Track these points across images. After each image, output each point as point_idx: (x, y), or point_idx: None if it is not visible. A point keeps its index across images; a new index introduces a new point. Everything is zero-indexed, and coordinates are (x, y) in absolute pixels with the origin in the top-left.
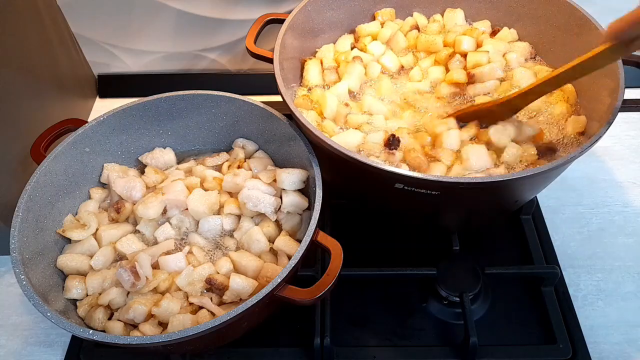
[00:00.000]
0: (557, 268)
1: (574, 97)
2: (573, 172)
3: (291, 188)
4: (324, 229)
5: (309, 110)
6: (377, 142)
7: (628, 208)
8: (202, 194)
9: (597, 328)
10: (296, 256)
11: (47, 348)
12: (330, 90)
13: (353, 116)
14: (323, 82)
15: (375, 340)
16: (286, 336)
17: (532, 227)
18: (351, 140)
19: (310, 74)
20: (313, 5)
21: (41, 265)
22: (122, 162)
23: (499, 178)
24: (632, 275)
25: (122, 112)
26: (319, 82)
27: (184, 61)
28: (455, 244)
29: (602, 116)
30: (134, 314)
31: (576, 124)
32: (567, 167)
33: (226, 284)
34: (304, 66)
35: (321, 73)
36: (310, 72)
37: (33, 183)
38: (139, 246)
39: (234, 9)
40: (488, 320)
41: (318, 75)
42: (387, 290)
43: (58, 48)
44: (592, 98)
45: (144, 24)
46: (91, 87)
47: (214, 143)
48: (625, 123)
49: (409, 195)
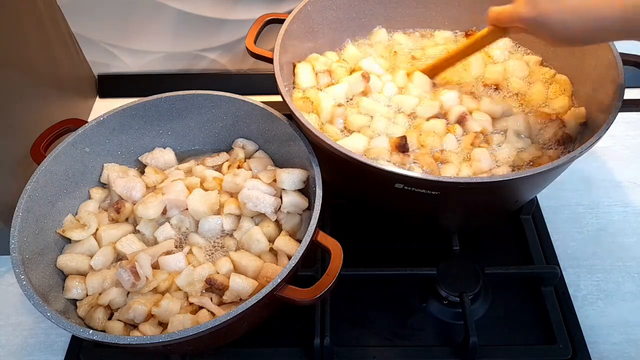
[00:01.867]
0: (557, 268)
1: (570, 88)
2: (573, 172)
3: (291, 188)
4: (324, 229)
5: (309, 113)
6: (383, 146)
7: (628, 208)
8: (202, 194)
9: (597, 328)
10: (296, 256)
11: (47, 348)
12: (326, 91)
13: (354, 117)
14: (317, 84)
15: (375, 340)
16: (286, 336)
17: (532, 227)
18: (356, 145)
19: (301, 76)
20: (313, 5)
21: (41, 265)
22: (122, 162)
23: (499, 178)
24: (632, 275)
25: (122, 112)
26: (312, 84)
27: (184, 61)
28: (455, 244)
29: (602, 116)
30: (134, 314)
31: (577, 116)
32: (567, 167)
33: (226, 284)
34: (294, 70)
35: (314, 76)
36: (301, 74)
37: (33, 183)
38: (139, 246)
39: (234, 9)
40: (488, 320)
41: (310, 78)
42: (387, 290)
43: (58, 48)
44: (592, 98)
45: (144, 24)
46: (91, 87)
47: (214, 143)
48: (625, 123)
49: (409, 195)
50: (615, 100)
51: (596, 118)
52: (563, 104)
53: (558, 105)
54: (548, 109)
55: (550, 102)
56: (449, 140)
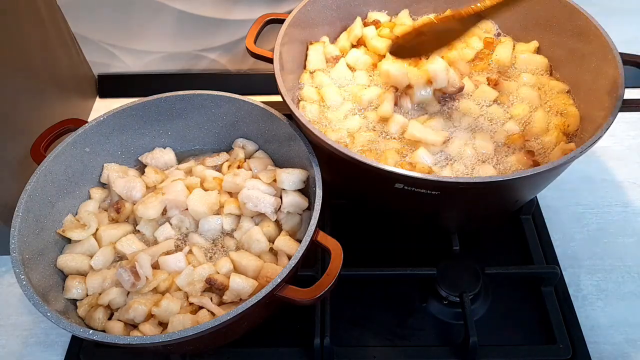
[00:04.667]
0: (557, 268)
1: (576, 124)
2: (573, 172)
3: (291, 188)
4: (324, 229)
5: (312, 103)
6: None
7: (628, 208)
8: (202, 194)
9: (597, 328)
10: (296, 256)
11: (47, 348)
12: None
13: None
14: (325, 66)
15: (375, 340)
16: (286, 336)
17: (532, 227)
18: (351, 125)
19: (312, 57)
20: (313, 5)
21: (41, 265)
22: (122, 162)
23: (499, 178)
24: (632, 275)
25: (122, 112)
26: (321, 67)
27: (184, 61)
28: (455, 244)
29: (602, 116)
30: (134, 314)
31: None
32: (567, 167)
33: (226, 284)
34: (307, 51)
35: (324, 58)
36: (313, 55)
37: (33, 183)
38: (139, 246)
39: (234, 9)
40: (488, 320)
41: (321, 59)
42: (387, 290)
43: (58, 48)
44: (592, 98)
45: (144, 24)
46: (91, 87)
47: (214, 143)
48: (625, 123)
49: (409, 195)
50: (615, 100)
51: (596, 118)
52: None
53: (547, 140)
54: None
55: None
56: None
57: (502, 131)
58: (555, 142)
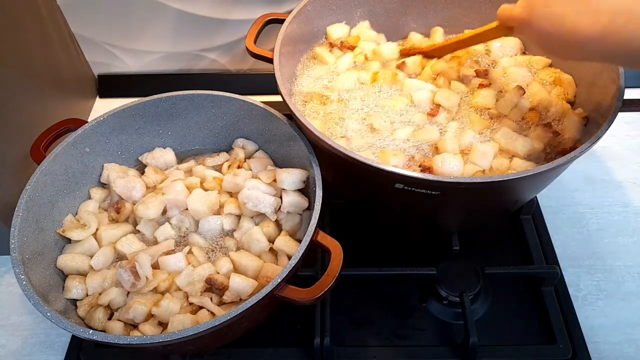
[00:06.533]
0: (557, 268)
1: (573, 89)
2: (573, 172)
3: (291, 188)
4: (324, 229)
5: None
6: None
7: (628, 208)
8: (202, 194)
9: (597, 328)
10: (296, 256)
11: (47, 348)
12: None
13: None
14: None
15: (375, 340)
16: (286, 336)
17: (532, 227)
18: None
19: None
20: (313, 5)
21: (41, 265)
22: (122, 162)
23: (499, 178)
24: (632, 275)
25: (122, 112)
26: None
27: (184, 61)
28: (455, 244)
29: (602, 116)
30: (134, 314)
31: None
32: (567, 167)
33: (226, 284)
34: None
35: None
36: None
37: (33, 183)
38: (139, 246)
39: (234, 9)
40: (488, 320)
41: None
42: (387, 290)
43: (58, 48)
44: (592, 98)
45: (144, 24)
46: (91, 87)
47: (214, 143)
48: (625, 123)
49: (409, 195)
50: (615, 100)
51: (596, 118)
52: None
53: (554, 110)
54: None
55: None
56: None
57: (517, 112)
58: (562, 112)
